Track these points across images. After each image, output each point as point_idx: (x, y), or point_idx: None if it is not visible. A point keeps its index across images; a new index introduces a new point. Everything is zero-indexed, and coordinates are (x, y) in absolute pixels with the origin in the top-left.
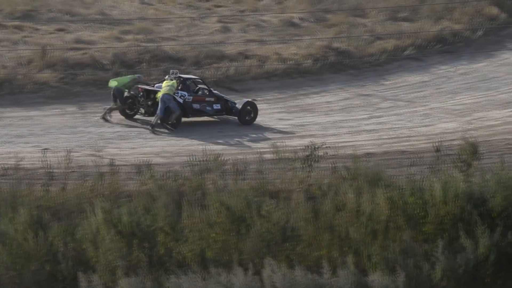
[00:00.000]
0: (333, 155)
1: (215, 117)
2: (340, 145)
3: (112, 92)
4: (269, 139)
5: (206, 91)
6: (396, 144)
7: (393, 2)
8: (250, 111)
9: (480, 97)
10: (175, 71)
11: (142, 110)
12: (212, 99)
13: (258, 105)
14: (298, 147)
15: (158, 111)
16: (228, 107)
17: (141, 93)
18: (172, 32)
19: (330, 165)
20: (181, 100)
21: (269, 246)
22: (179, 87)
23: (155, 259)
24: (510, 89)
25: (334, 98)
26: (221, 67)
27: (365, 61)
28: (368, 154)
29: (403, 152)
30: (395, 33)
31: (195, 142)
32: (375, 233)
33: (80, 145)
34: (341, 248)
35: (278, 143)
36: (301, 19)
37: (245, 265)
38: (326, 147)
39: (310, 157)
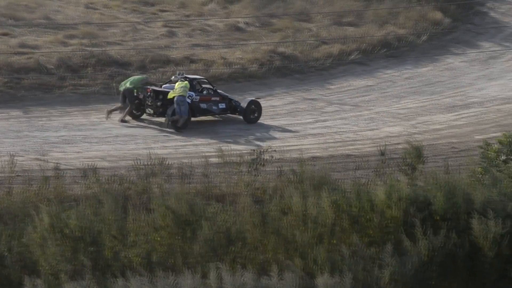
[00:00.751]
0: (279, 158)
1: (218, 116)
2: (286, 149)
3: (122, 93)
4: (215, 143)
5: (211, 91)
6: (341, 148)
7: (338, 7)
8: (255, 109)
9: (425, 101)
10: (181, 72)
11: (150, 111)
12: (218, 99)
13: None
14: (244, 151)
15: (179, 112)
16: (232, 106)
17: (149, 94)
18: (118, 36)
19: (276, 169)
20: (189, 100)
21: (215, 250)
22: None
23: (102, 263)
24: (454, 93)
25: (279, 102)
26: (167, 71)
27: (310, 66)
28: (314, 158)
29: (348, 155)
30: (340, 37)
31: (140, 146)
32: (321, 236)
33: (25, 149)
34: (287, 251)
35: (224, 147)
36: (246, 23)
37: (192, 268)
38: (272, 150)
39: (256, 160)
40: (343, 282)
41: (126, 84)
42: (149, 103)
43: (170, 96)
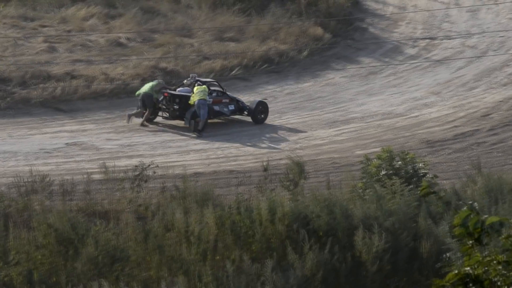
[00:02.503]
0: (162, 175)
1: (223, 118)
2: (169, 165)
3: (141, 98)
4: (97, 159)
5: (220, 93)
6: (224, 164)
7: (219, 23)
8: (262, 110)
9: (306, 117)
10: (193, 75)
11: (166, 114)
12: (227, 100)
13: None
14: (127, 167)
15: (201, 116)
16: (240, 108)
17: (166, 98)
18: None
19: (159, 185)
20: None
21: (98, 267)
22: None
23: None
24: (335, 108)
25: (161, 118)
26: (48, 87)
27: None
28: (197, 174)
29: (231, 171)
30: (222, 53)
31: (21, 163)
32: (205, 252)
33: None
34: (171, 268)
35: (107, 163)
36: (128, 39)
37: (75, 287)
38: (155, 167)
39: (139, 177)
40: None
41: (144, 89)
42: (165, 107)
43: (192, 101)
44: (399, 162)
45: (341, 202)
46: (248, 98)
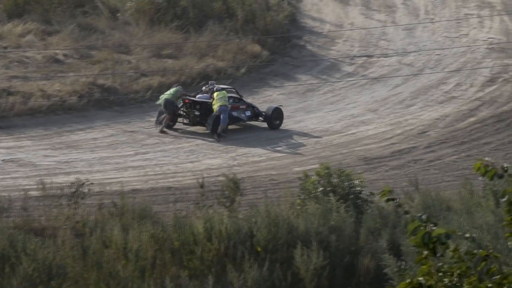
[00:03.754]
0: (100, 191)
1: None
2: (106, 181)
3: (163, 104)
4: (34, 176)
5: (237, 99)
6: (162, 180)
7: (157, 39)
8: (278, 117)
9: (245, 133)
10: (212, 82)
11: (186, 120)
12: (244, 106)
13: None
14: (64, 184)
15: (221, 121)
16: (255, 113)
17: (187, 104)
18: None
19: (97, 201)
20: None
21: (35, 285)
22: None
23: None
24: None
25: (100, 134)
26: None
27: (130, 98)
28: (135, 191)
29: (169, 188)
30: (160, 70)
31: None
32: (143, 269)
33: None
34: (109, 285)
35: (44, 180)
36: (65, 55)
37: None
38: (91, 183)
39: (76, 193)
40: None
41: (166, 96)
42: (185, 113)
43: (214, 107)
44: (336, 180)
45: (278, 219)
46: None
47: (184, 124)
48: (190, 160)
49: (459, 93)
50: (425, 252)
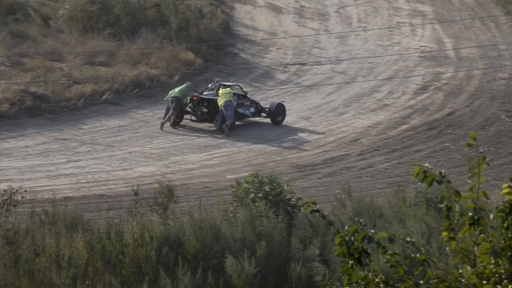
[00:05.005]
0: (31, 199)
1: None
2: (38, 189)
3: (172, 101)
4: None
5: (241, 96)
6: (94, 188)
7: (89, 47)
8: (281, 112)
9: (178, 141)
10: (218, 79)
11: (193, 117)
12: (249, 103)
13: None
14: None
15: (227, 116)
16: (259, 110)
17: (195, 101)
18: None
19: (28, 209)
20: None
21: None
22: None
23: None
24: (206, 134)
25: (31, 142)
26: None
27: (62, 106)
28: (67, 198)
29: (101, 195)
30: (93, 77)
31: None
32: (75, 277)
33: None
34: None
35: None
36: None
37: None
38: (25, 191)
39: (8, 201)
40: None
41: (174, 93)
42: (192, 110)
43: (220, 103)
44: (267, 187)
45: (211, 226)
46: (118, 122)
47: (192, 121)
48: (122, 168)
49: (391, 101)
50: (351, 262)
